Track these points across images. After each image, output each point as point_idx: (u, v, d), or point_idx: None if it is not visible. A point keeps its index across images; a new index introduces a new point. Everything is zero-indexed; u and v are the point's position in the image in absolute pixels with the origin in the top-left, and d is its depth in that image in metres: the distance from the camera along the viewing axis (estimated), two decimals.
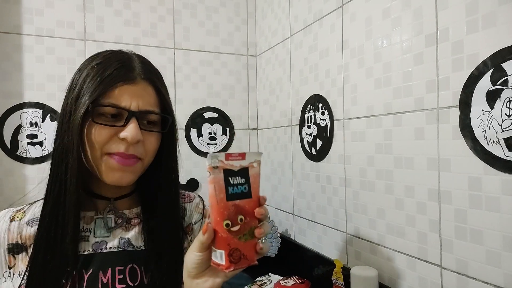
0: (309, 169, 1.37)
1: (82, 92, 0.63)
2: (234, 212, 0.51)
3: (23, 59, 1.41)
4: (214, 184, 0.50)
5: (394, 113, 0.97)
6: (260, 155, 0.54)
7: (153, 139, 0.68)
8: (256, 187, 0.53)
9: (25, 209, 0.70)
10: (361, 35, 1.09)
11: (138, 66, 0.67)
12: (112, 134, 0.63)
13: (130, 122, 0.63)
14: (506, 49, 0.71)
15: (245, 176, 0.52)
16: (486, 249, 0.75)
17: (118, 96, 0.63)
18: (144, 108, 0.65)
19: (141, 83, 0.66)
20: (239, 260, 0.51)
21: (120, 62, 0.66)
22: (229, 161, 0.51)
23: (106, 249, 0.68)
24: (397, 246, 0.97)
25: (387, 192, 1.00)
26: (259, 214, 0.52)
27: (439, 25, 0.85)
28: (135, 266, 0.68)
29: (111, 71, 0.64)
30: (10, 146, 1.38)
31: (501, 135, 0.71)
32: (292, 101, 1.49)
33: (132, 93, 0.64)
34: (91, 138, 0.63)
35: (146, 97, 0.66)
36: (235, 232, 0.50)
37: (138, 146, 0.64)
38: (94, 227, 0.69)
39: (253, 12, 1.82)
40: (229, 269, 0.50)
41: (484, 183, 0.76)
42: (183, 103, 1.67)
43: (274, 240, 1.47)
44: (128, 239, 0.70)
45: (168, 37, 1.64)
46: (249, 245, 0.52)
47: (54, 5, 1.45)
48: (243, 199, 0.52)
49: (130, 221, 0.72)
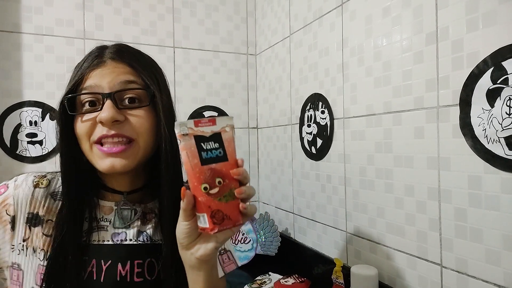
0: (309, 168, 1.37)
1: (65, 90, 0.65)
2: (211, 176, 0.52)
3: (22, 58, 1.40)
4: (186, 150, 0.51)
5: (394, 112, 0.97)
6: (231, 119, 0.55)
7: (140, 116, 0.64)
8: (231, 150, 0.54)
9: (49, 177, 0.69)
10: (361, 33, 1.09)
11: (109, 51, 0.66)
12: (93, 122, 0.62)
13: (105, 104, 0.61)
14: (506, 47, 0.71)
15: (218, 140, 0.53)
16: (486, 248, 0.75)
17: (87, 81, 0.63)
18: (118, 86, 0.63)
19: (109, 63, 0.64)
20: (223, 220, 0.52)
21: (91, 53, 0.67)
22: (199, 128, 0.52)
23: (126, 241, 0.68)
24: (397, 245, 0.97)
25: (387, 191, 1.00)
26: (236, 175, 0.53)
27: (439, 24, 0.85)
28: (153, 260, 0.68)
29: (82, 64, 0.66)
30: (9, 145, 1.38)
31: (501, 134, 0.71)
32: (292, 100, 1.49)
33: (102, 75, 0.63)
34: (77, 130, 0.63)
35: (118, 75, 0.63)
36: (214, 195, 0.51)
37: (122, 126, 0.62)
38: (113, 218, 0.69)
39: (252, 10, 1.82)
40: (213, 231, 0.51)
41: (484, 182, 0.76)
42: (182, 102, 1.66)
43: (274, 239, 1.47)
44: (146, 233, 0.70)
45: (167, 35, 1.64)
46: (231, 206, 0.53)
47: (53, 4, 1.45)
48: (219, 163, 0.53)
49: (146, 215, 0.72)
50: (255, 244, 1.48)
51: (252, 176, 1.80)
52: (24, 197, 0.65)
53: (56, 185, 0.69)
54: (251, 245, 1.48)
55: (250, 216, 0.55)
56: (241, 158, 0.54)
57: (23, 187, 0.66)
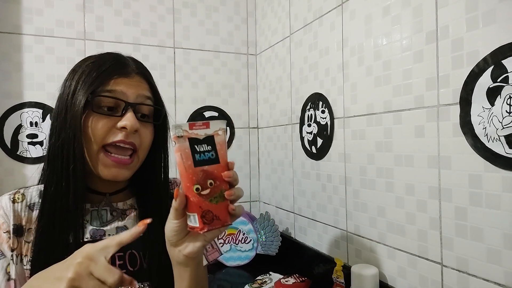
0: (309, 168, 1.37)
1: (78, 88, 0.66)
2: (203, 177, 0.54)
3: (23, 59, 1.41)
4: (180, 152, 0.53)
5: (394, 111, 0.97)
6: (224, 123, 0.57)
7: (148, 131, 0.70)
8: (223, 153, 0.56)
9: (22, 191, 0.70)
10: (361, 33, 1.09)
11: (131, 63, 0.71)
12: (110, 126, 0.65)
13: (127, 112, 0.65)
14: (506, 46, 0.71)
15: (211, 143, 0.55)
16: (487, 247, 0.75)
17: (115, 87, 0.66)
18: (140, 99, 0.68)
19: (135, 77, 0.69)
20: (212, 221, 0.54)
21: (114, 59, 0.70)
22: (193, 130, 0.54)
23: (105, 236, 0.70)
24: (397, 244, 0.97)
25: (387, 190, 1.00)
26: (227, 177, 0.55)
27: (439, 23, 0.85)
28: (134, 251, 0.70)
29: (106, 67, 0.67)
30: (10, 146, 1.38)
31: (502, 132, 0.71)
32: (292, 99, 1.49)
33: (128, 85, 0.67)
34: (89, 131, 0.65)
35: (141, 89, 0.69)
36: (205, 196, 0.54)
37: (135, 136, 0.67)
38: (90, 218, 0.71)
39: (253, 11, 1.82)
40: (203, 230, 0.54)
41: (485, 181, 0.75)
42: (183, 102, 1.67)
43: (275, 239, 1.47)
44: (125, 226, 0.73)
45: (168, 36, 1.64)
46: (221, 207, 0.55)
47: (53, 5, 1.45)
48: (211, 165, 0.55)
49: (125, 212, 0.75)
50: (256, 244, 1.48)
51: (253, 176, 1.81)
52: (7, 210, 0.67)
53: (31, 197, 0.70)
54: (252, 245, 1.48)
55: (238, 216, 0.58)
56: (231, 161, 0.57)
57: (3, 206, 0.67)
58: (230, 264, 1.48)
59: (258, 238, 1.48)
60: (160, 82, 1.60)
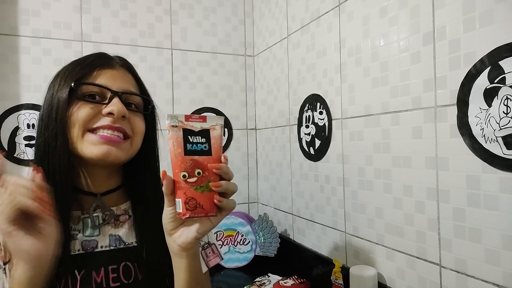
0: (307, 169, 1.36)
1: (61, 84, 0.65)
2: (191, 166, 0.56)
3: (19, 61, 1.40)
4: (172, 140, 0.56)
5: (391, 112, 0.97)
6: (222, 119, 0.59)
7: (139, 119, 0.70)
8: (217, 147, 0.58)
9: None
10: (358, 34, 1.09)
11: (115, 57, 0.72)
12: (95, 112, 0.64)
13: (114, 100, 0.65)
14: (503, 47, 0.71)
15: (205, 136, 0.57)
16: (485, 248, 0.75)
17: (98, 78, 0.66)
18: (125, 89, 0.68)
19: (120, 69, 0.70)
20: (195, 208, 0.56)
21: (97, 54, 0.71)
22: (189, 122, 0.57)
23: (98, 248, 0.68)
24: (396, 245, 0.97)
25: (385, 191, 1.00)
26: (215, 168, 0.56)
27: (436, 24, 0.85)
28: (128, 263, 0.68)
29: (90, 60, 0.68)
30: (7, 148, 1.37)
31: (499, 133, 0.71)
32: (290, 101, 1.49)
33: (113, 76, 0.68)
34: (73, 118, 0.63)
35: (126, 81, 0.69)
36: (191, 183, 0.55)
37: (125, 122, 0.66)
38: (82, 227, 0.68)
39: (250, 12, 1.82)
40: (185, 216, 0.55)
41: (483, 182, 0.75)
42: (181, 103, 1.66)
43: (273, 240, 1.47)
44: (119, 236, 0.70)
45: (165, 37, 1.64)
46: (206, 197, 0.56)
47: (50, 6, 1.45)
48: (203, 156, 0.57)
49: (118, 217, 0.72)
50: (254, 245, 1.48)
51: (251, 177, 1.80)
52: None
53: None
54: (250, 246, 1.48)
55: (227, 210, 0.58)
56: (225, 155, 0.58)
57: None
58: (228, 266, 1.47)
59: (257, 239, 1.48)
60: (157, 83, 1.60)
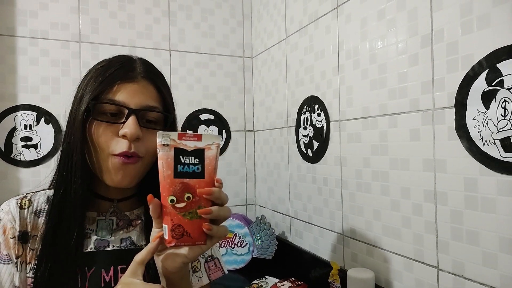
0: (305, 171, 1.36)
1: (84, 93, 0.65)
2: (181, 190, 0.51)
3: (17, 61, 1.39)
4: (162, 160, 0.52)
5: (389, 114, 0.97)
6: (219, 138, 0.55)
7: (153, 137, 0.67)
8: (211, 169, 0.54)
9: (30, 197, 0.69)
10: (356, 36, 1.09)
11: (139, 67, 0.69)
12: (113, 133, 0.64)
13: (129, 119, 0.63)
14: (501, 49, 0.71)
15: (199, 157, 0.53)
16: (483, 250, 0.75)
17: (117, 93, 0.64)
18: (144, 105, 0.66)
19: (141, 82, 0.67)
20: (181, 236, 0.52)
21: (122, 63, 0.68)
22: (182, 141, 0.53)
23: (109, 247, 0.69)
24: (393, 247, 0.97)
25: (383, 193, 1.00)
26: (204, 194, 0.52)
27: (434, 26, 0.85)
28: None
29: (112, 71, 0.66)
30: (4, 149, 1.37)
31: (497, 136, 0.71)
32: (288, 102, 1.49)
33: (132, 91, 0.65)
34: (94, 138, 0.64)
35: (146, 95, 0.67)
36: (180, 209, 0.51)
37: (139, 144, 0.65)
38: (96, 228, 0.70)
39: (248, 13, 1.82)
40: (170, 244, 0.52)
41: (480, 184, 0.75)
42: (179, 105, 1.62)
43: (271, 242, 1.46)
44: (130, 238, 0.71)
45: (163, 38, 1.64)
46: (194, 224, 0.52)
47: (48, 7, 1.44)
48: (194, 179, 0.52)
49: (131, 222, 0.73)
50: (252, 248, 1.47)
51: (249, 179, 1.80)
52: (14, 218, 0.66)
53: (38, 203, 0.69)
54: (248, 249, 1.48)
55: (218, 238, 0.55)
56: (220, 178, 0.54)
57: (11, 211, 0.67)
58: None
59: (254, 241, 1.48)
60: None
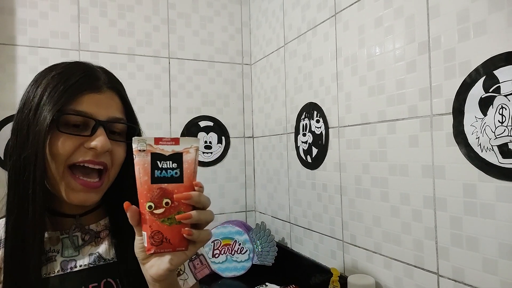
0: (304, 177, 1.36)
1: (42, 103, 0.60)
2: (158, 195, 0.50)
3: (16, 70, 1.40)
4: (139, 166, 0.51)
5: (388, 120, 0.97)
6: (198, 140, 0.54)
7: (120, 149, 0.66)
8: (190, 172, 0.52)
9: None
10: (354, 43, 1.10)
11: (102, 76, 0.66)
12: (77, 145, 0.60)
13: (97, 131, 0.61)
14: (497, 56, 0.71)
15: (177, 161, 0.52)
16: (483, 257, 0.75)
17: (84, 105, 0.61)
18: (111, 117, 0.63)
19: (107, 92, 0.64)
20: (161, 243, 0.50)
21: (83, 71, 0.64)
22: (159, 146, 0.51)
23: (77, 267, 0.65)
24: (393, 254, 0.97)
25: (382, 199, 1.00)
26: (182, 198, 0.50)
27: (431, 33, 0.86)
28: (109, 280, 0.66)
29: (75, 80, 0.62)
30: (3, 157, 1.37)
31: (495, 142, 0.72)
32: (287, 109, 1.49)
33: (99, 102, 0.62)
34: (54, 150, 0.59)
35: (113, 106, 0.65)
36: (158, 215, 0.50)
37: (106, 155, 0.63)
38: (61, 248, 0.66)
39: (247, 21, 1.83)
40: (149, 251, 0.51)
41: (479, 190, 0.76)
42: (178, 112, 1.66)
43: (271, 249, 1.46)
44: (98, 253, 0.67)
45: (162, 46, 1.65)
46: (174, 229, 0.51)
47: (48, 16, 1.45)
48: (173, 184, 0.51)
49: (99, 234, 0.69)
50: (252, 254, 1.47)
51: (248, 186, 1.80)
52: None
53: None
54: (248, 255, 1.47)
55: (201, 243, 0.53)
56: (199, 181, 0.53)
57: None
58: (226, 275, 1.46)
59: (254, 248, 1.47)
60: (155, 92, 1.60)
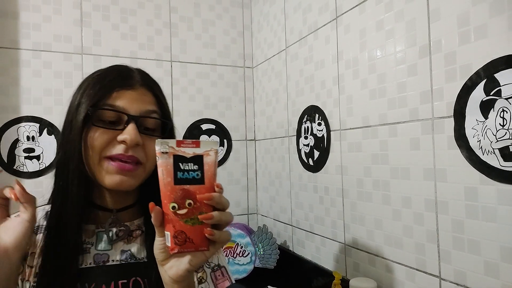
0: (306, 180, 1.37)
1: (81, 101, 0.65)
2: (181, 196, 0.52)
3: (20, 74, 1.41)
4: (162, 168, 0.52)
5: (389, 123, 0.98)
6: (217, 144, 0.56)
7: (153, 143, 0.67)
8: (211, 174, 0.54)
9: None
10: (355, 46, 1.10)
11: (136, 75, 0.70)
12: (111, 138, 0.64)
13: (129, 126, 0.64)
14: (498, 59, 0.72)
15: (198, 163, 0.54)
16: (484, 260, 0.75)
17: (117, 100, 0.65)
18: (143, 112, 0.66)
19: (139, 89, 0.68)
20: (184, 243, 0.52)
21: (119, 71, 0.69)
22: (180, 148, 0.53)
23: (109, 262, 0.68)
24: (395, 257, 0.97)
25: (384, 202, 1.00)
26: (205, 199, 0.52)
27: (432, 37, 0.86)
28: (138, 279, 0.67)
29: (110, 79, 0.67)
30: (7, 160, 1.38)
31: (496, 145, 0.72)
32: (288, 112, 1.49)
33: (131, 97, 0.66)
34: (89, 143, 0.63)
35: (145, 102, 0.68)
36: (181, 215, 0.52)
37: (138, 149, 0.65)
38: (95, 240, 0.69)
39: (249, 24, 1.84)
40: (173, 251, 0.52)
41: (480, 193, 0.76)
42: (180, 115, 1.67)
43: (273, 252, 1.46)
44: (130, 251, 0.70)
45: (165, 50, 1.66)
46: (197, 230, 0.52)
47: (51, 20, 1.46)
48: (195, 185, 0.53)
49: (132, 233, 0.72)
50: (254, 257, 1.47)
51: (250, 189, 1.80)
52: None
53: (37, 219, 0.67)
54: (250, 258, 1.47)
55: (221, 243, 0.55)
56: (220, 183, 0.55)
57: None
58: None
59: (256, 251, 1.47)
60: None
